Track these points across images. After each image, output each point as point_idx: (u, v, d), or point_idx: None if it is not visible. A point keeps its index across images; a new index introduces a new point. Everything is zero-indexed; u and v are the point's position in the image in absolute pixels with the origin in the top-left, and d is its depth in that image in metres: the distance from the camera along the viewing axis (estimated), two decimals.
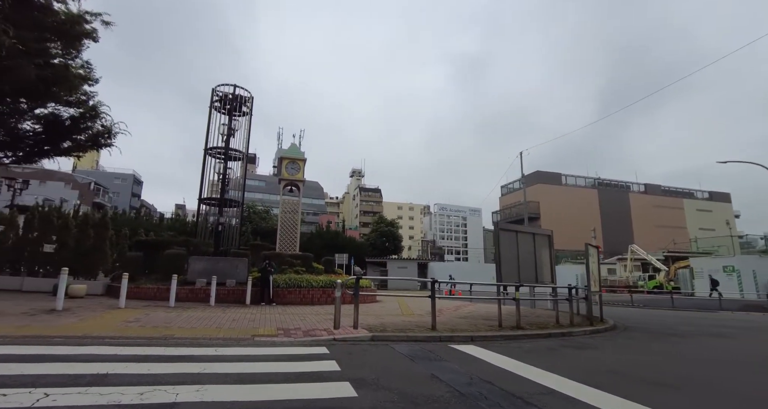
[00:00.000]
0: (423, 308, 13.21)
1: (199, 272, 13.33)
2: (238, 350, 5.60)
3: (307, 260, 16.05)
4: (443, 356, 5.83)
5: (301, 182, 18.14)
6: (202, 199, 16.95)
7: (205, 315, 9.11)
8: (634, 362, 5.88)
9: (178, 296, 12.60)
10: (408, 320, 9.69)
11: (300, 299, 13.60)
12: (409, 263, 40.34)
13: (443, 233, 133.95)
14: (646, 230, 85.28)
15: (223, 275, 13.53)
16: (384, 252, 46.26)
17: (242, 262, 13.88)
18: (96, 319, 7.69)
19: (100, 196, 72.74)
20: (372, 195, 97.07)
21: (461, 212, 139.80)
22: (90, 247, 13.17)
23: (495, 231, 9.37)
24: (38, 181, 66.31)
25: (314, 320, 9.12)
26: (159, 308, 10.26)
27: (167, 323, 7.53)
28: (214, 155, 17.57)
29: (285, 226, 17.80)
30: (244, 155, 18.04)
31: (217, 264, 13.66)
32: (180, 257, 13.76)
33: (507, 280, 9.49)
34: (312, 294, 13.77)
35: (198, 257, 13.68)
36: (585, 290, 11.19)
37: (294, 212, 17.98)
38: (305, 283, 13.84)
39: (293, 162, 18.07)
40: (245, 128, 18.48)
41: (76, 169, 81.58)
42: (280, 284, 13.50)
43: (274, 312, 10.58)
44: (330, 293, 13.99)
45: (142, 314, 8.65)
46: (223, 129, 17.82)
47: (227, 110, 17.96)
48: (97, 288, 12.99)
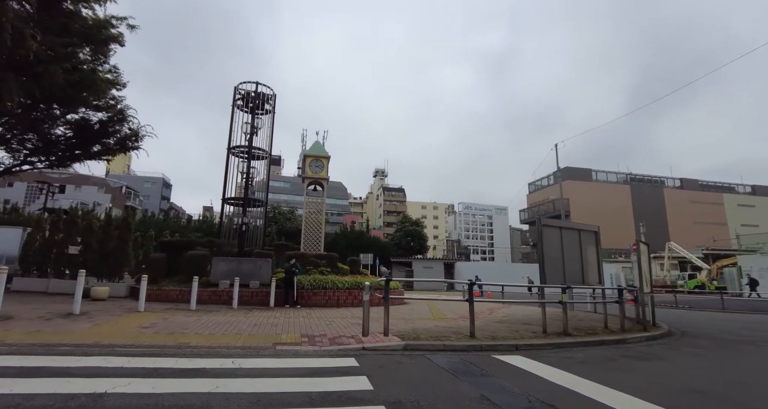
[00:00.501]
0: (455, 311, 12.44)
1: (222, 273, 12.95)
2: (257, 362, 5.00)
3: (332, 261, 15.49)
4: (489, 369, 5.07)
5: (325, 180, 17.61)
6: (226, 200, 16.63)
7: (225, 319, 8.60)
8: (720, 380, 4.96)
9: (201, 298, 12.23)
10: (441, 325, 8.94)
11: (325, 300, 13.03)
12: (435, 263, 39.44)
13: (468, 233, 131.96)
14: (683, 226, 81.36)
15: (247, 276, 13.11)
16: (409, 252, 45.49)
17: (266, 263, 13.43)
18: (111, 324, 7.27)
19: (131, 199, 74.77)
20: (395, 195, 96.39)
21: (487, 210, 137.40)
22: (113, 248, 12.97)
23: (538, 227, 8.52)
24: (74, 185, 68.81)
25: (341, 324, 8.49)
26: (179, 311, 9.85)
27: (184, 329, 7.03)
28: (238, 154, 17.24)
29: (309, 225, 17.31)
30: (267, 154, 17.65)
31: (241, 265, 13.25)
32: (203, 258, 13.42)
33: (551, 280, 8.61)
34: (338, 296, 13.18)
35: (221, 258, 13.30)
36: (633, 290, 10.17)
37: (318, 211, 17.47)
38: (330, 284, 13.27)
39: (317, 160, 17.56)
40: (268, 126, 18.11)
41: (108, 174, 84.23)
42: (305, 285, 12.98)
43: (298, 315, 10.02)
44: (356, 295, 13.38)
45: (160, 318, 8.21)
46: (246, 128, 17.49)
47: (250, 108, 17.62)
48: (121, 290, 12.78)
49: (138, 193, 76.89)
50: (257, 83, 17.72)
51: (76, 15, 16.60)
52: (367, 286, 7.05)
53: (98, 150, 22.64)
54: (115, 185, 72.65)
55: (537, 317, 11.48)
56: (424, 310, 12.95)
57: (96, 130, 21.59)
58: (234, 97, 17.75)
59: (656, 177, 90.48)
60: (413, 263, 38.42)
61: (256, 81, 17.75)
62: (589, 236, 9.93)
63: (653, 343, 7.92)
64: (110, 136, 22.35)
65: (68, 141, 22.79)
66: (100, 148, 22.66)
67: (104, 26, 17.80)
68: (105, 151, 23.28)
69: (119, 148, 23.56)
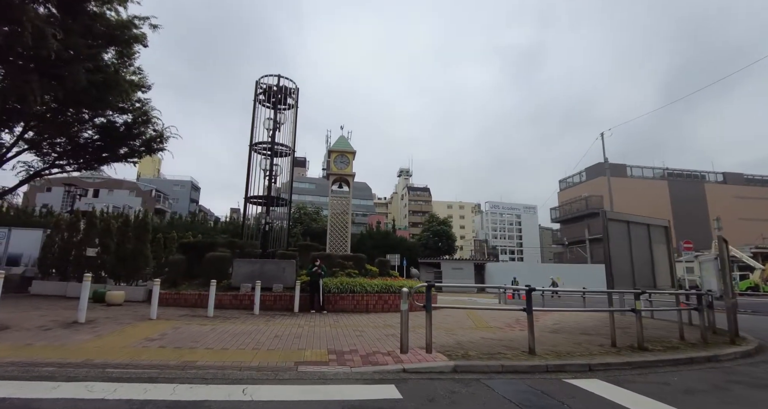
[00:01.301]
0: (496, 318, 11.20)
1: (244, 275, 12.12)
2: (273, 390, 3.97)
3: (359, 262, 14.48)
4: (570, 403, 3.88)
5: (351, 177, 16.62)
6: (249, 198, 15.87)
7: (244, 329, 7.67)
8: None
9: (221, 303, 11.43)
10: (488, 336, 7.75)
11: (353, 305, 12.01)
12: (465, 264, 37.95)
13: (496, 232, 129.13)
14: (727, 223, 76.15)
15: (270, 278, 12.24)
16: (436, 252, 44.13)
17: (290, 264, 12.52)
18: (114, 335, 6.43)
19: (161, 202, 76.21)
20: (421, 194, 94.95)
21: (515, 209, 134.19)
22: (131, 250, 12.34)
23: (603, 221, 7.22)
24: (107, 190, 70.67)
25: (373, 336, 7.41)
26: (195, 318, 9.00)
27: (195, 342, 6.11)
28: (260, 151, 16.48)
29: (335, 225, 16.36)
30: (291, 150, 16.83)
31: (263, 267, 12.39)
32: (224, 259, 12.64)
33: (620, 284, 7.28)
34: (367, 300, 12.13)
35: (242, 260, 12.48)
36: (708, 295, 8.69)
37: (344, 211, 16.50)
38: (359, 288, 12.24)
39: (342, 155, 16.59)
40: (291, 122, 17.30)
41: (139, 178, 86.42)
42: (331, 288, 11.99)
43: (324, 323, 9.01)
44: (387, 300, 12.31)
45: (171, 328, 7.34)
46: (269, 123, 16.72)
47: (272, 103, 16.85)
48: (139, 294, 12.12)
49: (167, 197, 78.44)
50: (279, 76, 16.93)
51: (99, 16, 16.40)
52: (405, 292, 5.96)
53: (125, 152, 22.62)
54: (145, 189, 74.24)
55: (592, 324, 10.13)
56: (461, 317, 11.75)
57: (121, 132, 21.50)
58: (255, 92, 17.02)
59: (696, 172, 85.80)
60: (442, 263, 37.04)
61: (278, 74, 16.97)
62: (659, 232, 8.52)
63: (754, 361, 6.51)
64: (135, 138, 22.26)
65: (94, 143, 22.80)
66: (126, 151, 22.62)
67: (127, 26, 17.52)
68: (131, 154, 23.22)
69: (145, 151, 23.46)
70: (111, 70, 17.85)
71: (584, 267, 42.48)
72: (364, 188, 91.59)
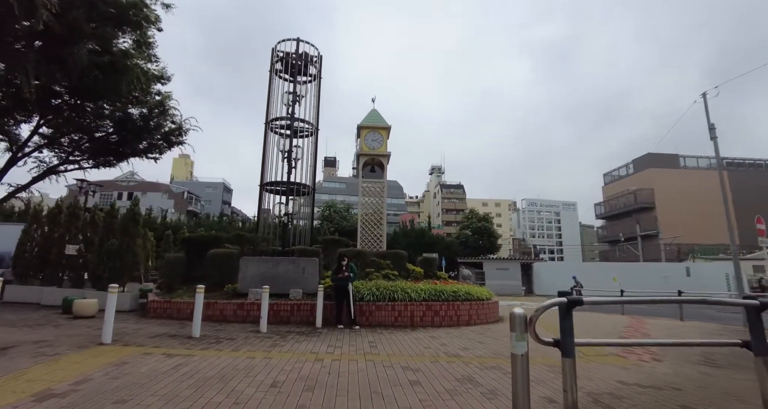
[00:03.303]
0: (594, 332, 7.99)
1: (253, 278, 9.41)
2: None
3: (398, 260, 11.53)
4: None
5: (386, 157, 13.68)
6: (265, 185, 13.25)
7: (228, 366, 4.84)
8: None
9: (222, 315, 8.77)
10: (625, 378, 4.60)
11: (394, 318, 9.05)
12: (511, 264, 34.26)
13: (533, 231, 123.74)
14: None
15: (285, 282, 9.49)
16: (477, 251, 40.58)
17: (311, 264, 9.72)
18: (8, 381, 3.75)
19: (193, 204, 76.23)
20: (454, 192, 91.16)
21: (554, 206, 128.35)
22: (116, 247, 9.87)
23: None
24: (140, 192, 71.23)
25: (440, 384, 4.39)
26: (172, 341, 6.29)
27: (120, 404, 3.32)
28: (277, 130, 13.85)
29: (367, 216, 13.49)
30: (314, 128, 14.11)
31: (277, 268, 9.64)
32: (229, 258, 10.00)
33: None
34: (411, 311, 9.15)
35: (250, 258, 9.77)
36: None
37: (378, 199, 13.60)
38: (400, 294, 9.26)
39: (374, 132, 13.69)
40: (314, 95, 14.59)
41: (173, 181, 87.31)
42: (365, 294, 9.11)
43: (356, 351, 6.09)
44: (438, 310, 9.29)
45: (113, 365, 4.59)
46: (287, 98, 14.07)
47: (291, 73, 14.19)
48: (125, 303, 9.61)
49: (199, 198, 78.56)
50: (298, 40, 14.23)
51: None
52: (518, 316, 2.87)
53: (144, 147, 21.04)
54: (177, 191, 74.43)
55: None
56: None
57: (138, 125, 19.88)
58: (272, 61, 14.41)
59: (760, 160, 77.82)
60: (484, 263, 33.52)
61: (297, 37, 14.28)
62: None
63: None
64: (153, 132, 20.64)
65: (109, 136, 21.24)
66: (145, 146, 21.05)
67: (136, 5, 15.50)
68: (150, 148, 21.55)
69: (165, 145, 21.79)
70: (119, 52, 15.92)
71: (641, 266, 38.07)
72: (396, 187, 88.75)
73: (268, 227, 13.30)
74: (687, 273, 35.64)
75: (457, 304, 9.53)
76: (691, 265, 39.25)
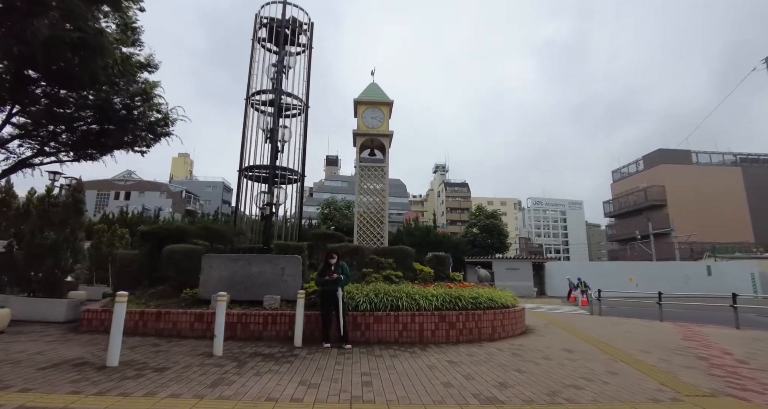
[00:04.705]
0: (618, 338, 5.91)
1: (219, 281, 7.37)
2: None
3: (403, 258, 9.43)
4: None
5: (388, 138, 11.59)
6: (244, 170, 11.22)
7: None
8: None
9: (177, 328, 6.75)
10: None
11: (397, 333, 6.98)
12: (522, 264, 32.13)
13: (539, 230, 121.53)
14: None
15: (260, 286, 7.44)
16: (485, 250, 38.42)
17: (292, 263, 7.66)
18: None
19: (192, 203, 74.58)
20: (459, 190, 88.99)
21: (559, 205, 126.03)
22: (51, 242, 7.84)
23: None
24: (138, 192, 69.65)
25: None
26: (73, 372, 4.24)
27: None
28: (258, 105, 11.83)
29: (366, 207, 11.44)
30: (303, 105, 12.07)
31: (250, 268, 7.58)
32: (191, 255, 7.95)
33: None
34: (420, 323, 7.07)
35: (216, 256, 7.70)
36: None
37: (379, 186, 11.52)
38: (406, 301, 7.18)
39: (374, 108, 11.61)
40: (304, 67, 12.55)
41: (172, 180, 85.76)
42: (360, 302, 7.05)
43: (340, 395, 4.02)
44: (454, 322, 7.20)
45: None
46: (272, 72, 12.04)
47: (276, 42, 12.16)
48: (59, 312, 7.56)
49: (198, 198, 76.99)
50: (285, 2, 12.18)
51: None
52: None
53: (129, 140, 19.30)
54: (175, 190, 72.84)
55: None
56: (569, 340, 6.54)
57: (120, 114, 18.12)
58: (255, 28, 12.38)
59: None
60: (494, 263, 31.39)
61: (283, 0, 12.22)
62: None
63: None
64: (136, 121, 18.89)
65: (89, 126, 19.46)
66: (130, 138, 19.29)
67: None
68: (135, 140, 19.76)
69: (151, 137, 20.01)
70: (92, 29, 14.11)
71: (658, 266, 35.88)
72: (399, 186, 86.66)
73: (247, 219, 11.25)
74: (708, 272, 33.47)
75: (478, 313, 7.46)
76: (712, 264, 37.06)
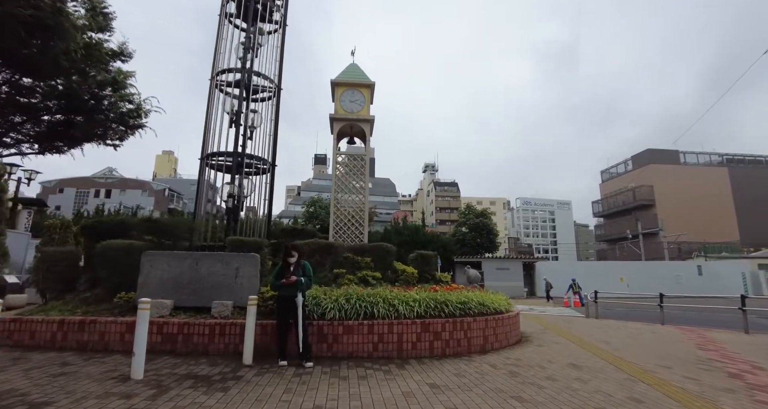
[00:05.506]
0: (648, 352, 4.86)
1: (161, 283, 6.15)
2: None
3: (383, 257, 8.26)
4: None
5: (368, 124, 10.41)
6: (207, 157, 9.96)
7: None
8: None
9: (104, 341, 5.53)
10: None
11: (372, 345, 5.82)
12: (512, 264, 31.24)
13: (528, 230, 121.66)
14: None
15: (207, 290, 6.23)
16: (474, 250, 37.48)
17: (248, 262, 6.45)
18: None
19: (175, 202, 72.80)
20: (448, 190, 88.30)
21: (548, 205, 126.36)
22: None
23: None
24: (119, 189, 67.55)
25: None
26: None
27: None
28: (223, 87, 10.57)
29: (343, 200, 10.27)
30: (276, 86, 10.84)
31: (198, 268, 6.36)
32: (129, 252, 6.69)
33: None
34: (399, 333, 5.92)
35: (157, 254, 6.45)
36: None
37: (358, 177, 10.35)
38: (383, 307, 6.02)
39: (353, 90, 10.41)
40: (277, 47, 11.32)
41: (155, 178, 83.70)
42: (328, 308, 5.88)
43: None
44: (440, 332, 6.07)
45: None
46: (241, 50, 10.79)
47: (245, 17, 10.91)
48: None
49: (182, 196, 75.16)
50: None
51: None
52: None
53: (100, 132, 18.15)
54: (158, 188, 70.95)
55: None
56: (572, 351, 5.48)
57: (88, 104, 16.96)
58: (222, 1, 11.11)
59: (761, 156, 75.70)
60: (483, 263, 30.43)
61: None
62: None
63: None
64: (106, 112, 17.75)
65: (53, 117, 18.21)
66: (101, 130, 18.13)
67: None
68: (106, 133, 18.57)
69: (123, 130, 18.85)
70: (48, 8, 12.91)
71: (648, 265, 35.44)
72: (388, 185, 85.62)
73: (209, 213, 9.99)
74: (699, 272, 32.97)
75: (467, 321, 6.34)
76: (702, 263, 36.66)
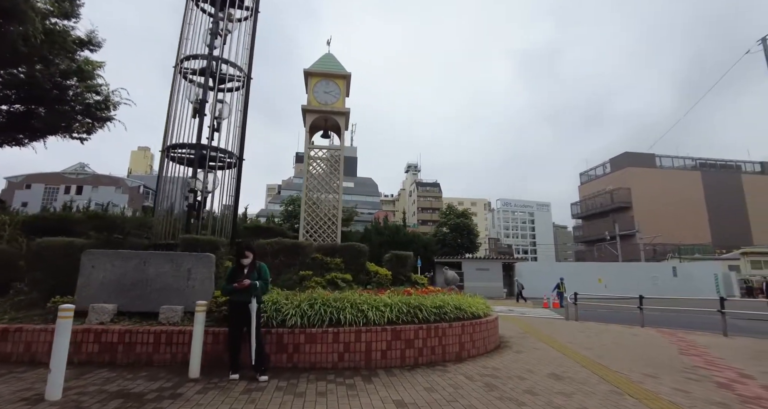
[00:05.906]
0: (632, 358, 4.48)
1: (103, 286, 5.49)
2: None
3: (354, 258, 7.72)
4: None
5: (343, 117, 9.85)
6: (168, 149, 9.24)
7: None
8: None
9: (31, 351, 4.86)
10: None
11: (337, 356, 5.27)
12: (492, 264, 31.08)
13: (508, 231, 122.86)
14: None
15: (156, 293, 5.59)
16: (455, 250, 37.28)
17: (202, 263, 5.83)
18: None
19: (150, 199, 70.80)
20: (430, 190, 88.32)
21: (528, 207, 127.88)
22: None
23: None
24: (90, 186, 65.15)
25: None
26: None
27: None
28: (187, 74, 9.86)
29: (317, 198, 9.68)
30: (244, 75, 10.18)
31: (146, 269, 5.71)
32: (69, 251, 5.99)
33: None
34: (368, 342, 5.40)
35: (100, 253, 5.77)
36: None
37: (330, 171, 9.78)
38: (351, 313, 5.49)
39: (327, 81, 9.84)
40: (248, 33, 10.66)
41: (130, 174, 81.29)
42: (289, 315, 5.31)
43: None
44: (412, 340, 5.57)
45: None
46: (208, 38, 10.09)
47: (214, 2, 10.23)
48: None
49: None
50: None
51: None
52: None
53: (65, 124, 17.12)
54: (132, 185, 68.90)
55: None
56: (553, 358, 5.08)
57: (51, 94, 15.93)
58: None
59: (731, 161, 78.00)
60: (463, 263, 30.21)
61: None
62: None
63: None
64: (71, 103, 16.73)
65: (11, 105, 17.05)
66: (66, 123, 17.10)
67: None
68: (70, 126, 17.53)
69: (90, 122, 17.80)
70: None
71: (625, 267, 35.97)
72: (371, 184, 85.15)
73: (168, 209, 9.26)
74: (674, 273, 33.50)
75: (442, 327, 5.86)
76: (677, 265, 37.36)
